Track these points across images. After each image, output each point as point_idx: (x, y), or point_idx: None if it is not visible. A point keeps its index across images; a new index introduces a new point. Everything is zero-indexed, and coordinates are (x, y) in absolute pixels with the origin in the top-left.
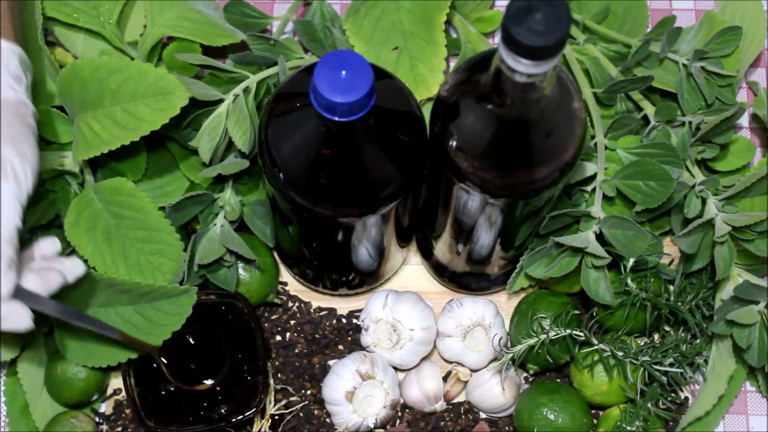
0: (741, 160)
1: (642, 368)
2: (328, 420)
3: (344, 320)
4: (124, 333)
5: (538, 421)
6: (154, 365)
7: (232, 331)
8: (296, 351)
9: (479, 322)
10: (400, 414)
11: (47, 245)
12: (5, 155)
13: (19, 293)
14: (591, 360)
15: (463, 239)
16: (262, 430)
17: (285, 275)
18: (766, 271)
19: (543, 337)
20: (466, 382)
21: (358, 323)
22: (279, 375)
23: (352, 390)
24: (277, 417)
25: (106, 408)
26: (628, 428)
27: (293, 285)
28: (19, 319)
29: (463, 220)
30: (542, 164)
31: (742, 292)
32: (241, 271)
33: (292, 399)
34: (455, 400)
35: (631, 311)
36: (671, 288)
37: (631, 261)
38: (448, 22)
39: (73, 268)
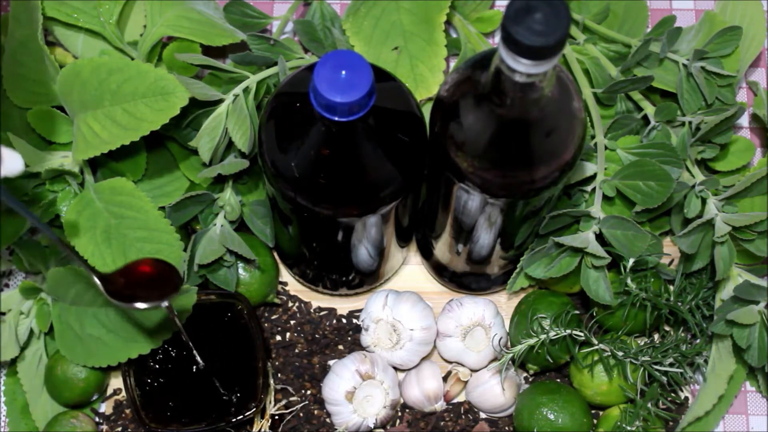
0: (741, 160)
1: (642, 368)
2: (328, 420)
3: (344, 320)
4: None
5: (538, 421)
6: (154, 364)
7: (232, 331)
8: (296, 351)
9: (479, 322)
10: (400, 414)
11: None
12: None
13: None
14: (591, 360)
15: (463, 239)
16: (262, 430)
17: (285, 275)
18: (766, 271)
19: (543, 337)
20: (466, 382)
21: (358, 323)
22: (279, 375)
23: (352, 390)
24: (277, 417)
25: (106, 408)
26: (628, 428)
27: (293, 285)
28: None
29: (463, 220)
30: (542, 164)
31: (742, 292)
32: (241, 271)
33: (292, 399)
34: (455, 400)
35: (631, 311)
36: (671, 288)
37: (631, 261)
38: (448, 22)
39: (11, 161)
